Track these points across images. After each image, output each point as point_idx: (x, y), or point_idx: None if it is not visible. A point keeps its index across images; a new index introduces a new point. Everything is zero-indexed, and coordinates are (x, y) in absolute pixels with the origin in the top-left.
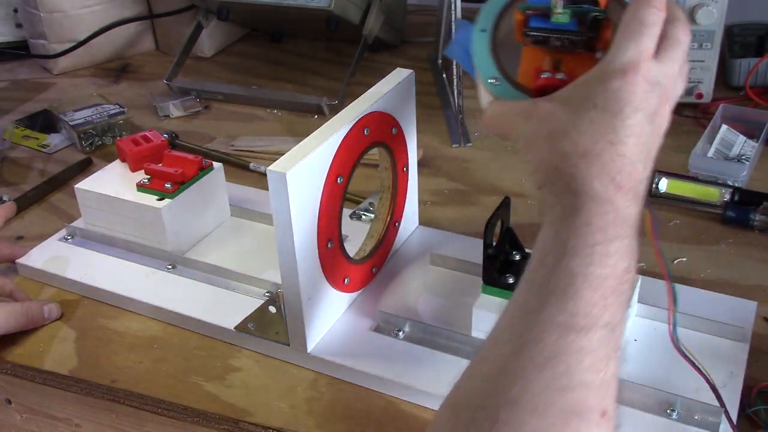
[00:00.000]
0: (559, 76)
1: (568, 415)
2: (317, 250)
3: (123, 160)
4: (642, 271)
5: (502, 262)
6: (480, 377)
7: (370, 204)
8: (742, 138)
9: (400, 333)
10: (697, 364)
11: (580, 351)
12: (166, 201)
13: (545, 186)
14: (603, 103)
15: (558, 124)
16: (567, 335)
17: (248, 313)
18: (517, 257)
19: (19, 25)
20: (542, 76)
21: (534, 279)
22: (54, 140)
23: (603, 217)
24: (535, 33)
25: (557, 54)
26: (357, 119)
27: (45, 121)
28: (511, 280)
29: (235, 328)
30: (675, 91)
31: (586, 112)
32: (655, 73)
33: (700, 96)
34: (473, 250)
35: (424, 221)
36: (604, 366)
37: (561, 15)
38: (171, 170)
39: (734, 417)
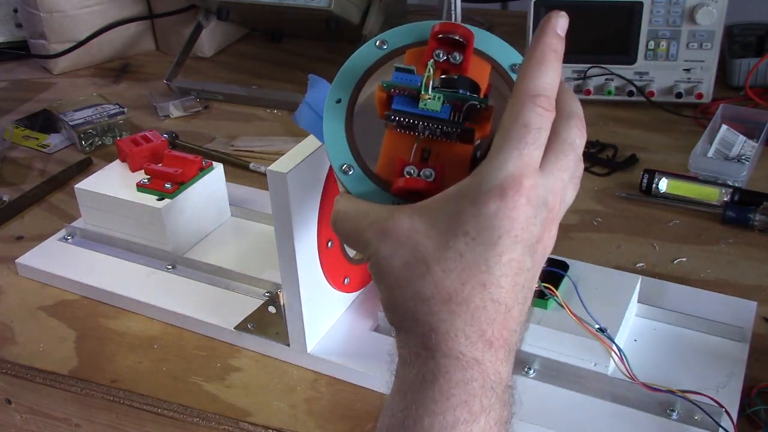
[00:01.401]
0: (426, 173)
1: None
2: (317, 250)
3: (123, 160)
4: (642, 271)
5: None
6: None
7: None
8: (742, 138)
9: None
10: (668, 391)
11: None
12: (166, 201)
13: (399, 331)
14: (476, 231)
15: (419, 254)
16: None
17: (248, 313)
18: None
19: (19, 25)
20: (405, 172)
21: None
22: (54, 140)
23: (467, 387)
24: (398, 118)
25: (426, 142)
26: None
27: (45, 121)
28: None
29: (234, 328)
30: (564, 205)
31: (455, 241)
32: (540, 191)
33: (700, 96)
34: None
35: None
36: None
37: (431, 101)
38: (171, 170)
39: (734, 417)
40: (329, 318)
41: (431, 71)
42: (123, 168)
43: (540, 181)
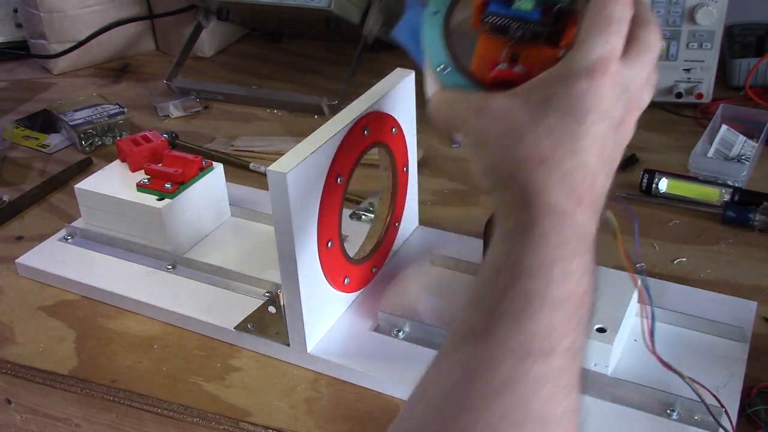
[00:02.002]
0: (518, 69)
1: None
2: (317, 250)
3: (123, 160)
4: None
5: None
6: (423, 408)
7: (370, 204)
8: (742, 138)
9: (400, 333)
10: (677, 372)
11: (537, 380)
12: (166, 201)
13: (495, 193)
14: (566, 106)
15: (514, 125)
16: (522, 362)
17: (248, 313)
18: None
19: (19, 25)
20: (498, 67)
21: (483, 300)
22: (54, 140)
23: (561, 233)
24: (493, 19)
25: (516, 46)
26: (357, 119)
27: (45, 121)
28: None
29: (235, 328)
30: (641, 101)
31: (546, 115)
32: (623, 78)
33: (700, 96)
34: (473, 250)
35: (424, 221)
36: (564, 397)
37: (524, 2)
38: (171, 170)
39: (734, 417)
40: (329, 318)
41: None
42: (123, 168)
43: (623, 69)
